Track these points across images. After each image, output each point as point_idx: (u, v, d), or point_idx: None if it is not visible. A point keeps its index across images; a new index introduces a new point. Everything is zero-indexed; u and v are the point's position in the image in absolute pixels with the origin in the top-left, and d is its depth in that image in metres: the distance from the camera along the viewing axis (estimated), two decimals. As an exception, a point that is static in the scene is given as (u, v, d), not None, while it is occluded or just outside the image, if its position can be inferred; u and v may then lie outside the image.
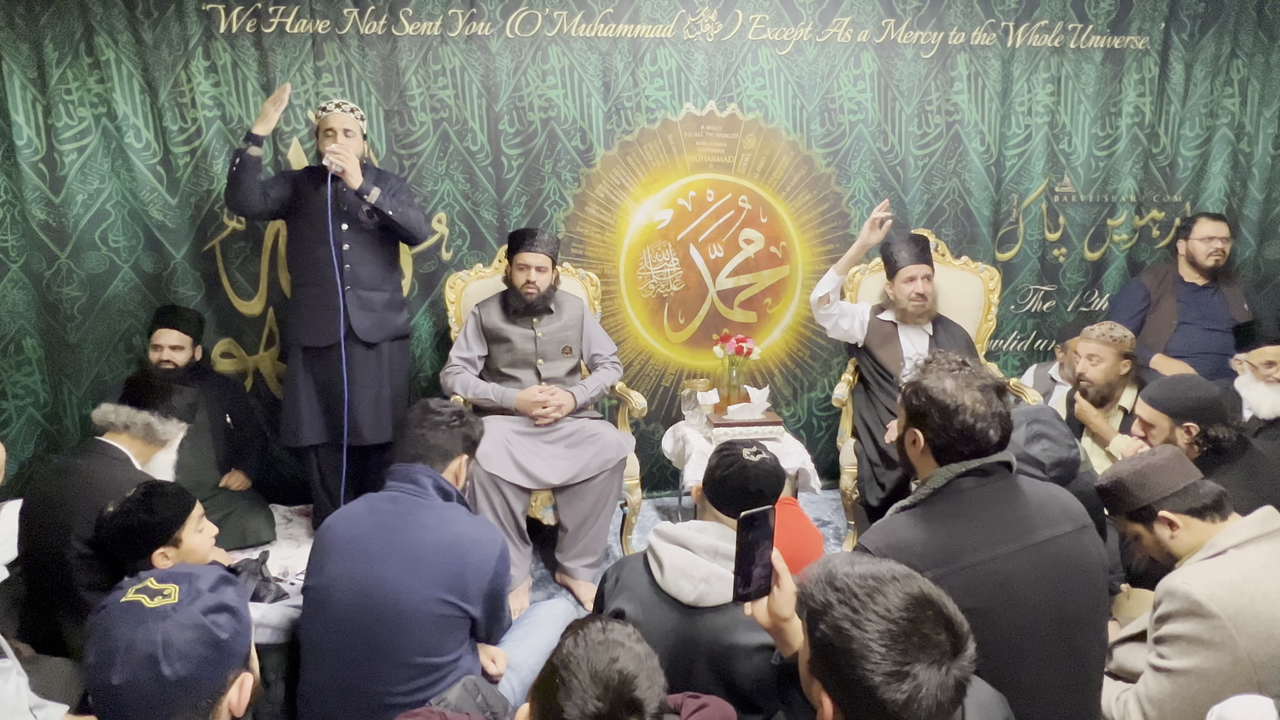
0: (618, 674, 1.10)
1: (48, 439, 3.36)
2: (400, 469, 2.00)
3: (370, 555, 1.84)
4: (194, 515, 1.98)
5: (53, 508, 2.08)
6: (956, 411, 1.49)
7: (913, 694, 0.96)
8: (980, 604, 1.39)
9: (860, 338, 3.35)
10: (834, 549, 3.36)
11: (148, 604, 1.03)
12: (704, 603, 1.66)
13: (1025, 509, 1.51)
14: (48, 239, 3.18)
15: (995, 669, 1.34)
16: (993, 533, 1.46)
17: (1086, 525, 1.55)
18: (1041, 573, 1.45)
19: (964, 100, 3.69)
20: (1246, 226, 3.98)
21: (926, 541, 1.45)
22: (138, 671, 0.98)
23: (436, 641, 1.83)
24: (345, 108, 3.01)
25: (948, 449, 1.51)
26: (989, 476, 1.51)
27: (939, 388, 1.52)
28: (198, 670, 1.00)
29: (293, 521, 3.37)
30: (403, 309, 3.23)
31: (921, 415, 1.54)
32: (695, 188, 3.68)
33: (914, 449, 1.59)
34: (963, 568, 1.42)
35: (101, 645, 1.01)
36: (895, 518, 1.56)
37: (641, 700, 1.10)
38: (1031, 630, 1.44)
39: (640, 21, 3.45)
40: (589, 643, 1.13)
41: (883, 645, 0.98)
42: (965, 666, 0.99)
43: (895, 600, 1.01)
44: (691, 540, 1.73)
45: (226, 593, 1.08)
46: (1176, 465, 1.82)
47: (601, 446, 2.97)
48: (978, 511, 1.48)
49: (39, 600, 2.15)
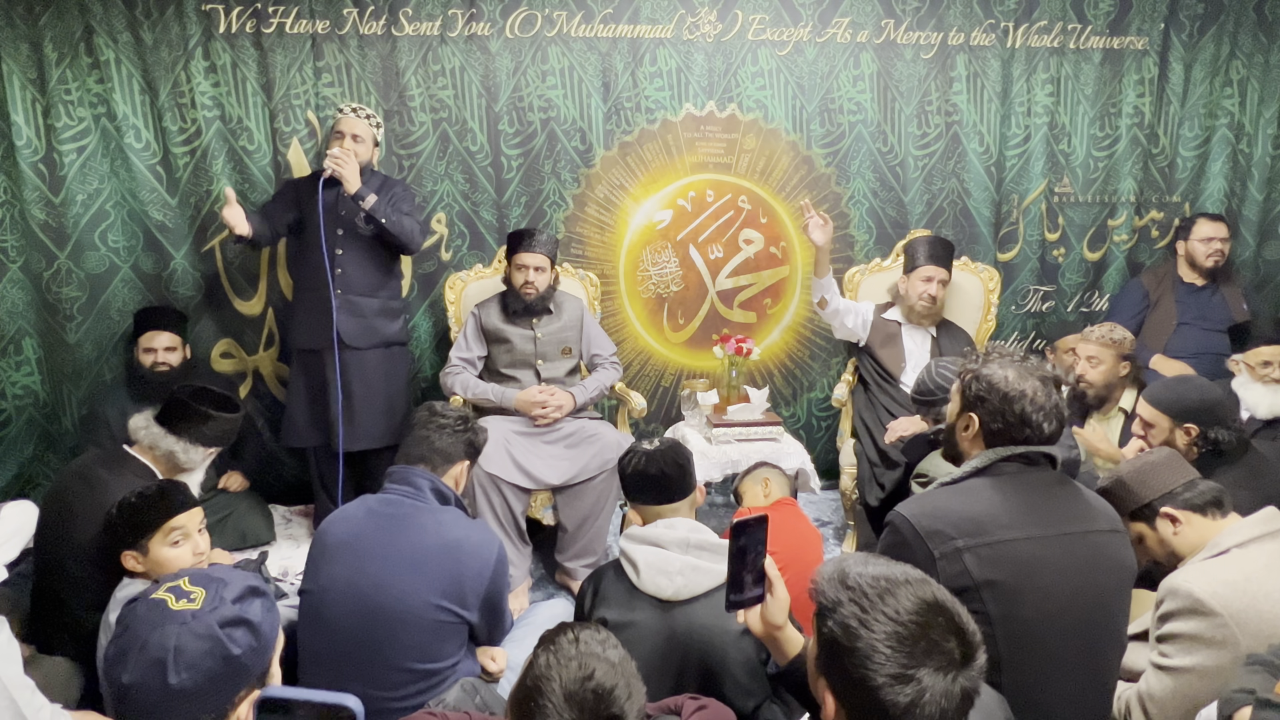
0: (592, 692, 1.05)
1: (47, 439, 3.36)
2: (398, 471, 1.98)
3: (366, 559, 1.83)
4: (166, 527, 1.89)
5: (69, 518, 2.07)
6: (1018, 398, 1.53)
7: (915, 698, 0.95)
8: (1005, 579, 1.41)
9: (863, 337, 3.35)
10: (834, 549, 3.36)
11: (172, 605, 1.02)
12: (683, 596, 1.67)
13: (1063, 500, 1.53)
14: (47, 239, 3.18)
15: (1012, 650, 1.36)
16: (1028, 515, 1.48)
17: (1120, 530, 1.57)
18: (1071, 563, 1.47)
19: (963, 101, 3.69)
20: (1246, 227, 3.98)
21: (961, 511, 1.47)
22: (145, 674, 0.98)
23: (434, 647, 1.83)
24: (361, 113, 3.03)
25: (1001, 434, 1.55)
26: (1032, 465, 1.54)
27: (1001, 375, 1.56)
28: (204, 682, 0.98)
29: (292, 522, 3.37)
30: (398, 316, 3.20)
31: (979, 400, 1.57)
32: (695, 188, 3.68)
33: (965, 434, 1.61)
34: (993, 542, 1.44)
35: (122, 639, 1.02)
36: (935, 491, 1.59)
37: (619, 716, 1.06)
38: (1053, 617, 1.45)
39: (640, 22, 3.45)
40: (561, 659, 1.09)
41: (888, 647, 0.97)
42: (974, 677, 0.98)
43: (906, 603, 1.00)
44: (662, 537, 1.74)
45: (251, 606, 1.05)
46: (1174, 464, 1.85)
47: (601, 447, 2.97)
48: (1016, 493, 1.51)
49: (43, 600, 2.15)
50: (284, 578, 2.93)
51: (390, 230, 2.96)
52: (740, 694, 1.63)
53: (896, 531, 1.50)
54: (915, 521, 1.47)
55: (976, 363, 1.61)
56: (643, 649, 1.61)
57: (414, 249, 3.11)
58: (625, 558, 1.76)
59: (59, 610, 2.09)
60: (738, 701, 1.59)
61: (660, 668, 1.64)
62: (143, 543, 1.89)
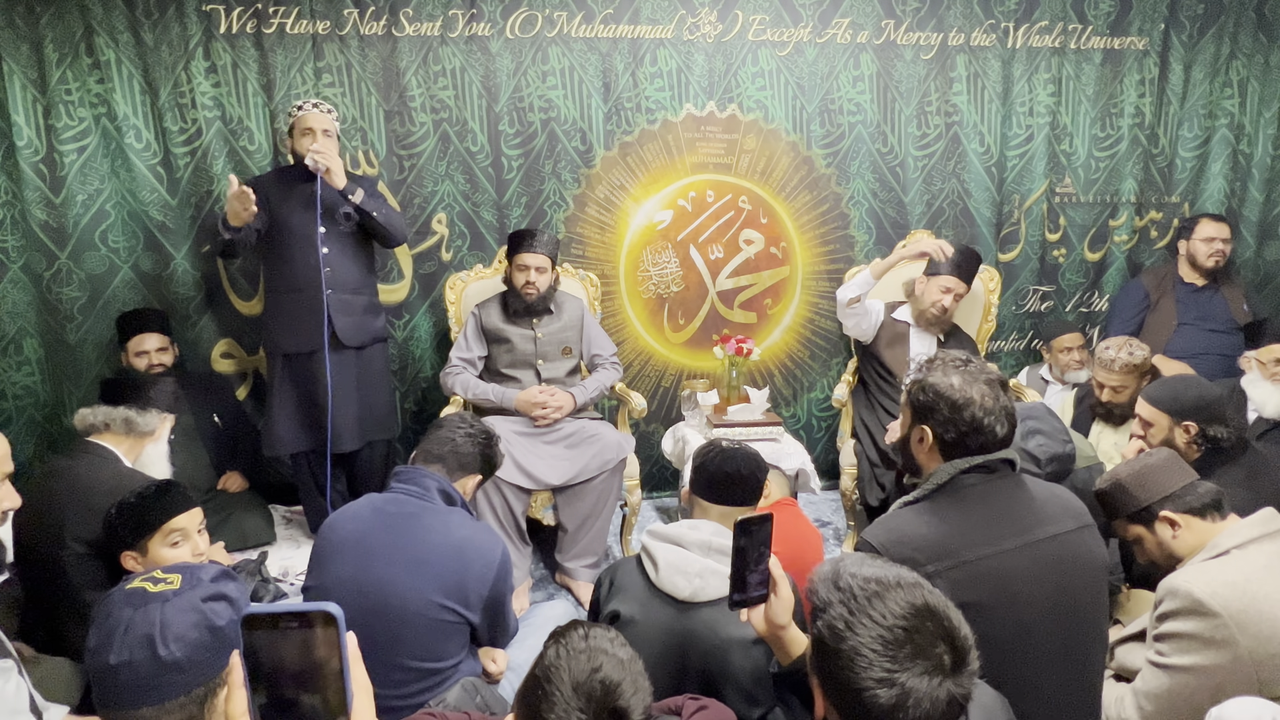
0: (600, 684, 1.08)
1: (47, 439, 3.36)
2: (406, 471, 1.98)
3: (371, 557, 1.83)
4: (166, 528, 1.89)
5: (43, 511, 2.06)
6: (965, 405, 1.50)
7: (900, 702, 0.95)
8: (981, 599, 1.39)
9: (871, 336, 3.34)
10: (834, 549, 3.37)
11: (150, 589, 1.05)
12: (699, 598, 1.67)
13: (1028, 506, 1.51)
14: (48, 239, 3.18)
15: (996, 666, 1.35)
16: (995, 529, 1.46)
17: (1088, 524, 1.55)
18: (1043, 569, 1.45)
19: (963, 101, 3.69)
20: (1246, 227, 3.98)
21: (928, 536, 1.45)
22: (135, 651, 0.99)
23: (436, 646, 1.83)
24: (322, 108, 2.97)
25: (956, 444, 1.52)
26: (993, 473, 1.52)
27: (946, 383, 1.52)
28: (193, 654, 1.00)
29: (292, 522, 3.37)
30: (380, 313, 3.19)
31: (929, 411, 1.54)
32: (695, 188, 3.68)
33: (920, 447, 1.58)
34: (964, 563, 1.42)
35: (103, 627, 1.03)
36: (898, 513, 1.56)
37: (625, 709, 1.08)
38: (1033, 627, 1.44)
39: (640, 22, 3.45)
40: (571, 651, 1.12)
41: (872, 650, 0.97)
42: (963, 683, 0.98)
43: (895, 607, 1.00)
44: (685, 537, 1.74)
45: (227, 586, 1.09)
46: (1174, 466, 1.84)
47: (601, 447, 2.97)
48: (980, 507, 1.49)
49: (37, 603, 2.15)
50: (284, 578, 2.94)
51: (382, 223, 2.97)
52: (744, 702, 1.62)
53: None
54: (884, 550, 1.45)
55: (922, 373, 1.58)
56: (651, 647, 1.61)
57: (403, 239, 3.15)
58: (646, 553, 1.75)
59: (59, 604, 2.09)
60: (741, 709, 1.58)
61: (666, 667, 1.64)
62: (142, 543, 1.89)
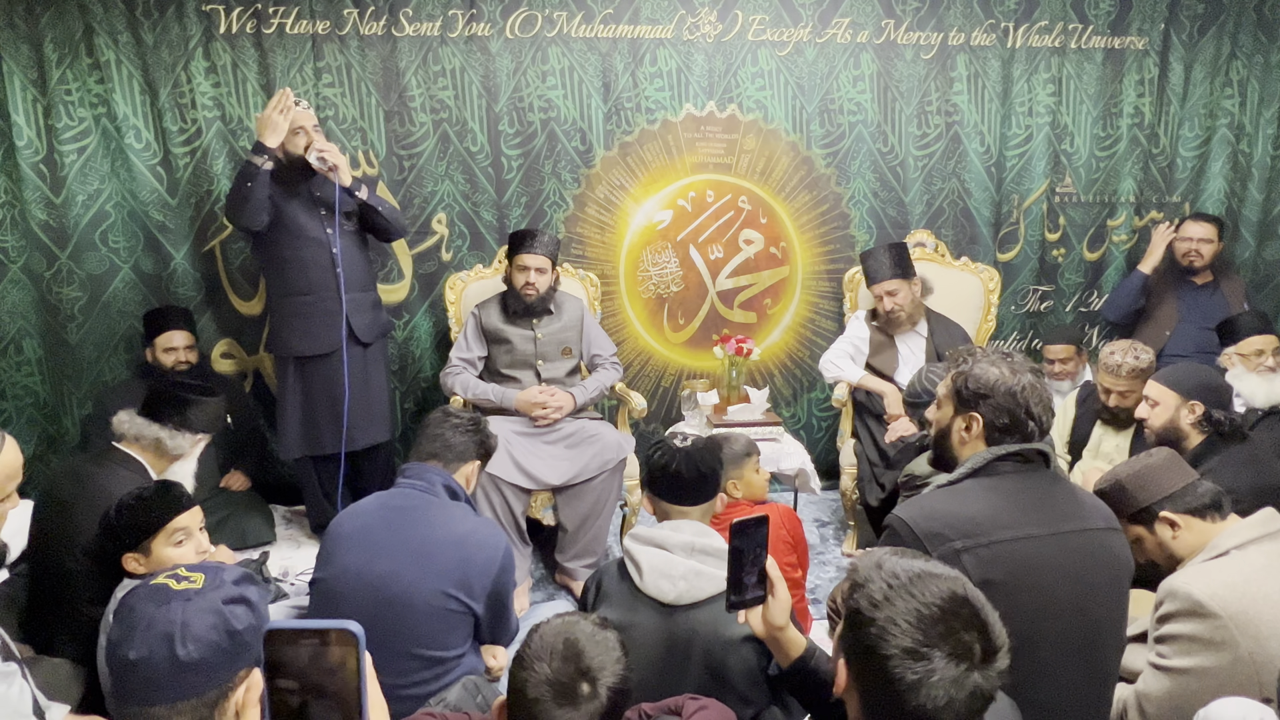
0: (564, 642, 1.22)
1: (47, 439, 3.36)
2: (412, 467, 2.06)
3: (378, 548, 1.88)
4: (170, 528, 1.89)
5: (64, 516, 2.07)
6: (1020, 391, 1.53)
7: (924, 678, 0.96)
8: (1004, 579, 1.41)
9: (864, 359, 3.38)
10: (834, 549, 3.37)
11: (174, 587, 1.06)
12: (685, 600, 1.67)
13: (1059, 499, 1.53)
14: (48, 239, 3.18)
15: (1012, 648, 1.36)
16: (1025, 515, 1.49)
17: (1116, 528, 1.57)
18: (1068, 561, 1.47)
19: (964, 101, 3.69)
20: (1246, 227, 3.98)
21: (958, 513, 1.48)
22: (154, 648, 1.00)
23: (441, 635, 1.88)
24: (302, 104, 2.91)
25: (1008, 430, 1.55)
26: (1028, 463, 1.55)
27: (996, 372, 1.56)
28: (210, 656, 1.01)
29: (293, 522, 3.37)
30: (382, 305, 3.25)
31: (980, 399, 1.56)
32: (695, 188, 3.68)
33: (966, 435, 1.60)
34: (992, 542, 1.44)
35: (125, 621, 1.04)
36: (932, 493, 1.59)
37: (591, 667, 1.19)
38: (1052, 616, 1.45)
39: (640, 22, 3.45)
40: (549, 627, 1.26)
41: (907, 621, 0.99)
42: (990, 676, 0.99)
43: (935, 589, 1.02)
44: (667, 540, 1.73)
45: (249, 589, 1.10)
46: (1174, 466, 1.85)
47: (601, 447, 2.97)
48: (1013, 493, 1.51)
49: (39, 603, 2.15)
50: (284, 578, 2.94)
51: (387, 217, 2.99)
52: (738, 702, 1.62)
53: (895, 534, 1.51)
54: (914, 524, 1.48)
55: (965, 365, 1.61)
56: (643, 652, 1.61)
57: (404, 233, 3.22)
58: (629, 558, 1.75)
59: (58, 610, 2.09)
60: (735, 709, 1.59)
61: (660, 671, 1.64)
62: (145, 544, 1.89)
